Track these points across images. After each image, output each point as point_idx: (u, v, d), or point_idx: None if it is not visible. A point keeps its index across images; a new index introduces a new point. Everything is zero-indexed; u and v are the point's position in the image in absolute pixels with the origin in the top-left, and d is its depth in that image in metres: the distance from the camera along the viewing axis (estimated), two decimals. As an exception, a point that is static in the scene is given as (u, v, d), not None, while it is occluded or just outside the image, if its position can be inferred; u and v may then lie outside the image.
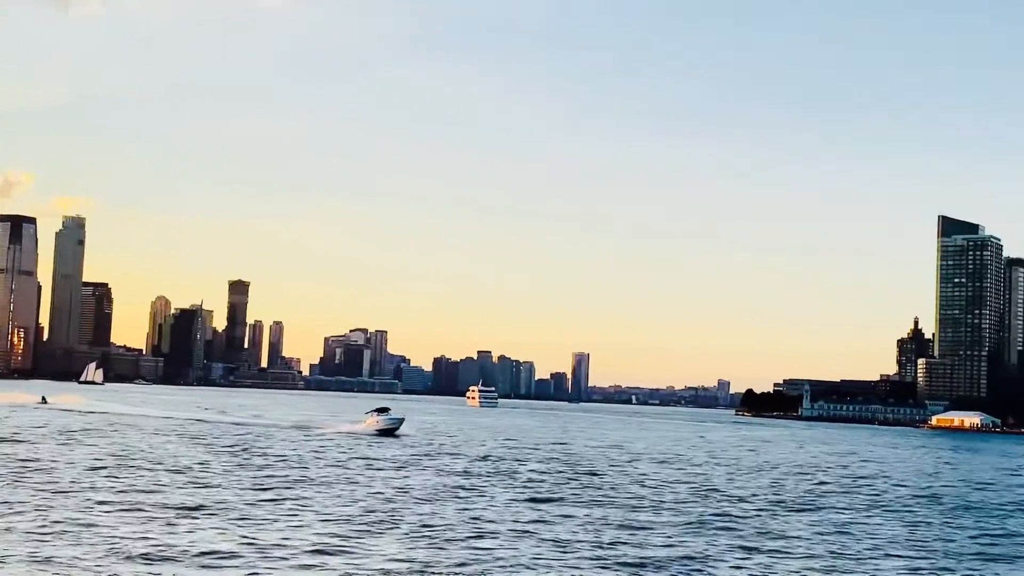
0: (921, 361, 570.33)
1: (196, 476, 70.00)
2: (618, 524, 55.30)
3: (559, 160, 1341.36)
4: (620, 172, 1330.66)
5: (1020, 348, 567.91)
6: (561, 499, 66.27)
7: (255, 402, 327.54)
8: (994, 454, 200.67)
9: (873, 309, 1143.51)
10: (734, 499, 73.22)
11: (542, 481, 79.30)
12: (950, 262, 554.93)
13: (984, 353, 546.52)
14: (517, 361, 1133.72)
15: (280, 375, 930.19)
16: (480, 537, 47.90)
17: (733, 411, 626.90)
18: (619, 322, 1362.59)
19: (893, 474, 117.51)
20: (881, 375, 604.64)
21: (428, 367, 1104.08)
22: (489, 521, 53.82)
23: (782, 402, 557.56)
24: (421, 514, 55.07)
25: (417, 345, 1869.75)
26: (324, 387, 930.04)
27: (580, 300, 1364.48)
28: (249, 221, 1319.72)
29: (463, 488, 70.60)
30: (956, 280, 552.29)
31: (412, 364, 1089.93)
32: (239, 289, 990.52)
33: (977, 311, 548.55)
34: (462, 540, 46.67)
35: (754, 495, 77.46)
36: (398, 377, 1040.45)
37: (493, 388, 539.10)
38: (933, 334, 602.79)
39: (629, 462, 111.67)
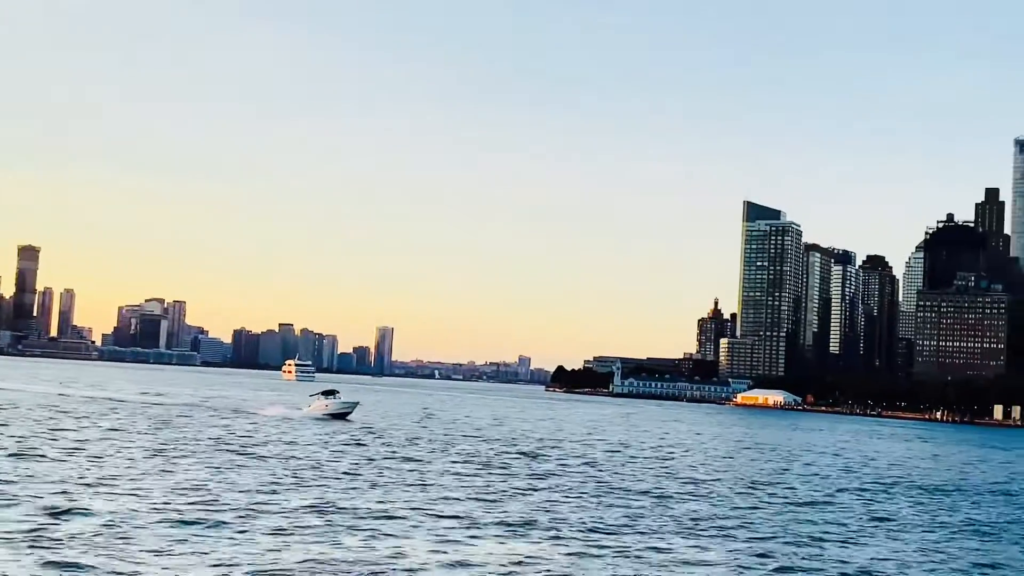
0: (723, 341, 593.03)
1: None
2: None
3: (356, 130, 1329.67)
4: (413, 144, 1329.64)
5: (815, 330, 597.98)
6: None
7: (72, 374, 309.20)
8: (814, 432, 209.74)
9: (678, 289, 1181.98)
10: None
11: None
12: (753, 246, 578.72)
13: (783, 334, 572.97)
14: (320, 334, 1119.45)
15: (72, 345, 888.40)
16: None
17: (543, 387, 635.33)
18: (422, 296, 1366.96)
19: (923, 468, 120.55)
20: (685, 353, 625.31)
21: (227, 339, 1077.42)
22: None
23: (593, 379, 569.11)
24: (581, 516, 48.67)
25: (216, 317, 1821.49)
26: (118, 358, 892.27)
27: (384, 274, 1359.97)
28: (41, 185, 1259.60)
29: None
30: (759, 264, 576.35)
31: (211, 336, 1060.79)
32: (29, 255, 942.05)
33: (777, 294, 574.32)
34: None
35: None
36: (196, 349, 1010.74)
37: (310, 363, 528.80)
38: (733, 314, 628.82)
39: (558, 444, 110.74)
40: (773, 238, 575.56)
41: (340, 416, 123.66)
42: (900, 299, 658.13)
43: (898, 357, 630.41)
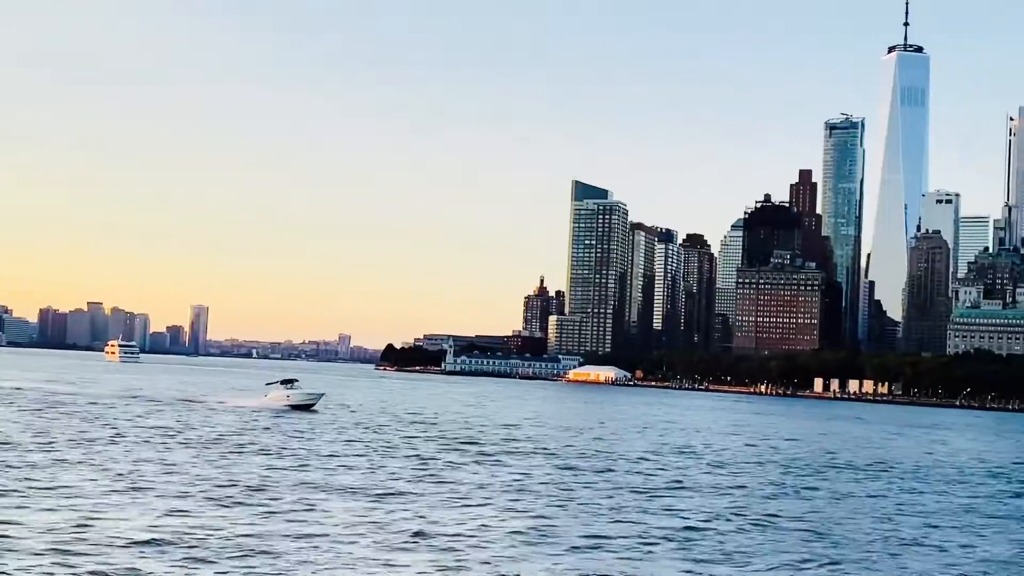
0: (552, 318, 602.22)
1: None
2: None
3: (163, 99, 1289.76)
4: (225, 116, 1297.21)
5: (639, 307, 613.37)
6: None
7: None
8: (660, 407, 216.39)
9: (505, 268, 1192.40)
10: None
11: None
12: (581, 225, 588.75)
13: (609, 311, 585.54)
14: (131, 313, 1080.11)
15: None
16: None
17: (372, 366, 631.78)
18: (237, 274, 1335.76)
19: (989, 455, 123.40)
20: (513, 331, 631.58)
21: (33, 319, 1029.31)
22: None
23: (424, 357, 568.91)
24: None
25: (19, 295, 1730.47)
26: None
27: (198, 250, 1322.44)
28: None
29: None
30: (586, 242, 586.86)
31: (15, 316, 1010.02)
32: None
33: (604, 272, 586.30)
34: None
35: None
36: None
37: (134, 343, 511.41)
38: (559, 291, 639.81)
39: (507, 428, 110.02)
40: (600, 217, 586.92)
41: (304, 408, 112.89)
42: (717, 276, 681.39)
43: (715, 332, 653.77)
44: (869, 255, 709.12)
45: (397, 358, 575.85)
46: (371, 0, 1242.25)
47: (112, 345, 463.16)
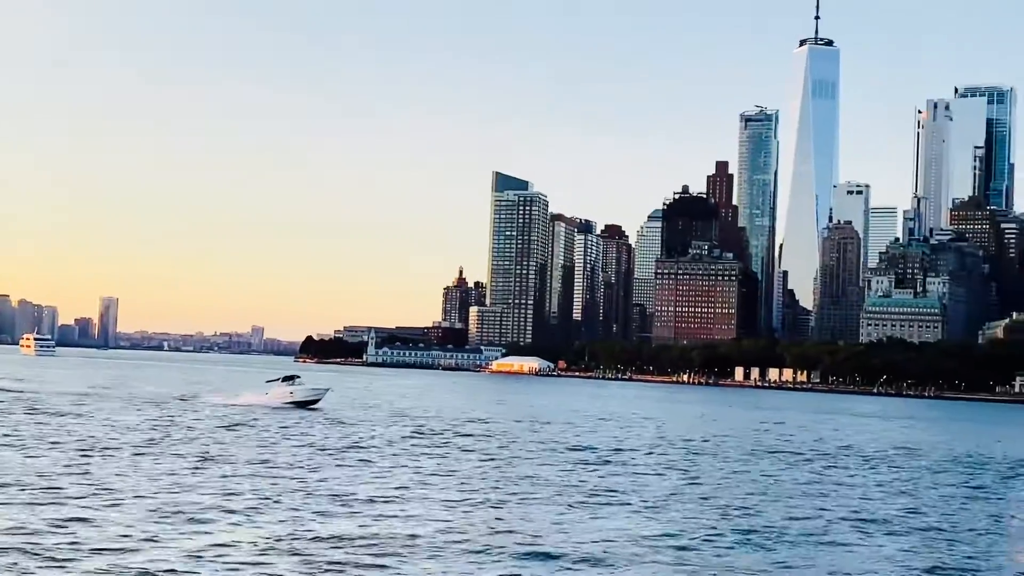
0: (473, 309, 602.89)
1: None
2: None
3: (72, 86, 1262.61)
4: (133, 106, 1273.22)
5: (560, 298, 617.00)
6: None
7: None
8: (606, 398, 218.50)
9: (423, 258, 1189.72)
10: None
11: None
12: (502, 216, 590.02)
13: (530, 302, 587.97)
14: (39, 305, 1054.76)
15: None
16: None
17: (292, 358, 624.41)
18: (147, 265, 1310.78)
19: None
20: (433, 322, 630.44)
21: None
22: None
23: (344, 348, 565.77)
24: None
25: None
26: None
27: (106, 241, 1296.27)
28: None
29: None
30: (507, 233, 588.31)
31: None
32: None
33: (525, 263, 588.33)
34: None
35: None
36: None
37: (49, 337, 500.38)
38: (478, 282, 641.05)
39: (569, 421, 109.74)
40: (521, 208, 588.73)
41: (307, 405, 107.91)
42: (635, 267, 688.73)
43: (633, 323, 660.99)
44: (782, 245, 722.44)
45: (317, 350, 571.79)
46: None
47: (27, 339, 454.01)
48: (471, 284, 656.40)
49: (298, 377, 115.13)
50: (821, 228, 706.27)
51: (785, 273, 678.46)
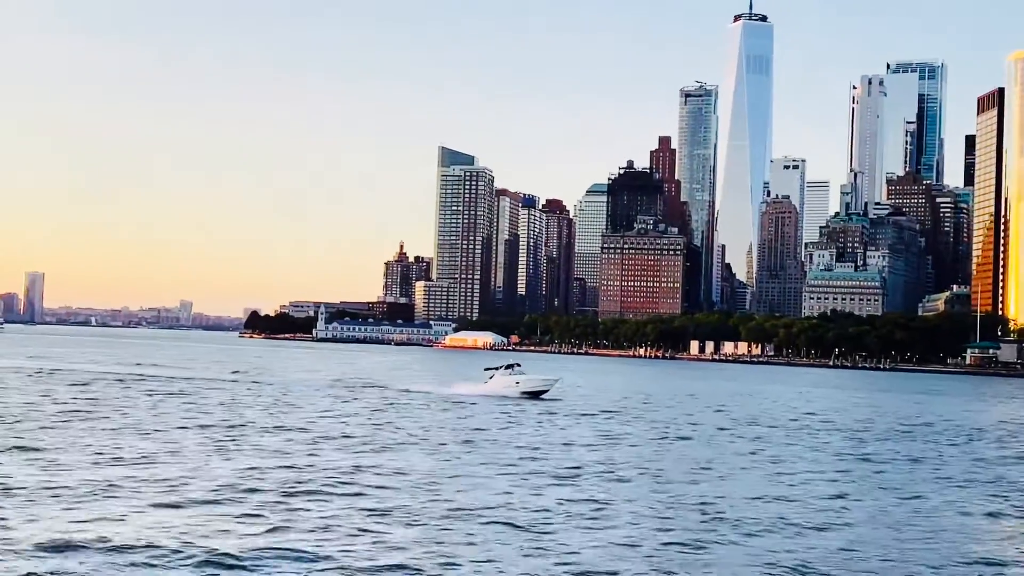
0: (420, 284, 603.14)
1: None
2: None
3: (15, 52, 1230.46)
4: (60, 77, 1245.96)
5: (505, 273, 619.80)
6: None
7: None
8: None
9: (360, 233, 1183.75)
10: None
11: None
12: (449, 191, 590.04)
13: (477, 277, 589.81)
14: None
15: None
16: None
17: (236, 333, 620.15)
18: (72, 240, 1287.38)
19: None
20: (378, 297, 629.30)
21: None
22: None
23: (290, 324, 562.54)
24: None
25: None
26: None
27: (30, 215, 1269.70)
28: None
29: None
30: (453, 208, 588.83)
31: None
32: None
33: (471, 237, 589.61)
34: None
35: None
36: None
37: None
38: (419, 257, 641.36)
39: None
40: (467, 183, 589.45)
41: (536, 395, 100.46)
42: (576, 242, 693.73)
43: (574, 296, 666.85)
44: (716, 219, 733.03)
45: (264, 326, 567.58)
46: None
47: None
48: (411, 259, 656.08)
49: (518, 365, 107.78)
50: (757, 203, 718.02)
51: (723, 247, 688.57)
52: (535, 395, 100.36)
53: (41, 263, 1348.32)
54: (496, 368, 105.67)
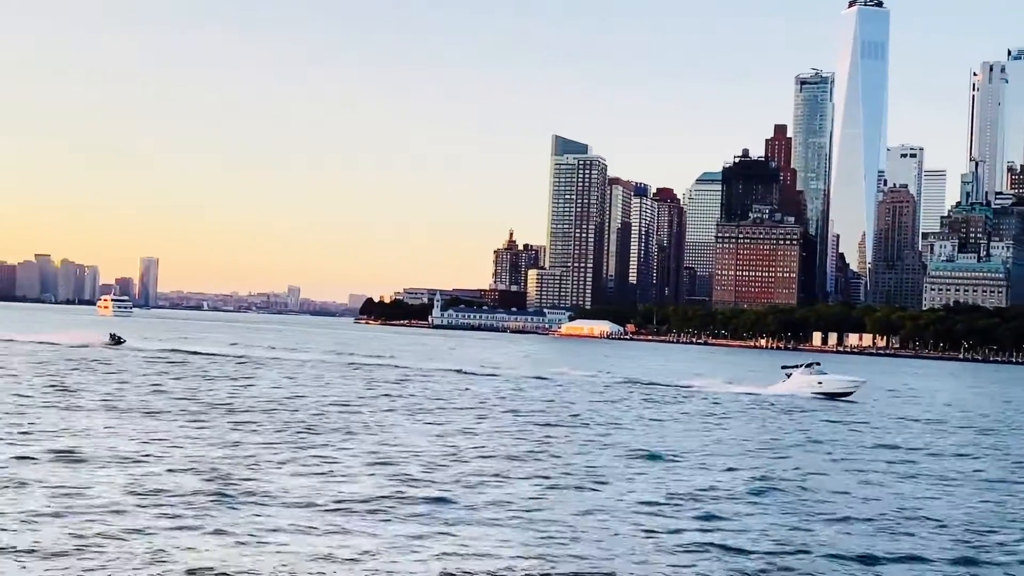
0: (532, 272, 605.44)
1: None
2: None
3: (116, 52, 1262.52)
4: (178, 69, 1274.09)
5: (615, 261, 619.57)
6: None
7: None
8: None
9: (468, 221, 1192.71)
10: None
11: None
12: (562, 179, 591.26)
13: (589, 266, 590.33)
14: (81, 265, 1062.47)
15: None
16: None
17: (352, 319, 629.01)
18: (185, 226, 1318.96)
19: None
20: (490, 285, 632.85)
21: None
22: None
23: (406, 310, 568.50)
24: None
25: None
26: None
27: (147, 202, 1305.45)
28: None
29: None
30: (566, 196, 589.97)
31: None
32: None
33: (584, 226, 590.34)
34: None
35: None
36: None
37: (127, 298, 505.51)
38: (528, 245, 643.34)
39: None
40: (580, 171, 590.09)
41: (838, 397, 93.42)
42: (686, 230, 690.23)
43: (684, 285, 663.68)
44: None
45: (380, 312, 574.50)
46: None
47: (105, 300, 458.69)
48: (521, 247, 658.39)
49: (818, 364, 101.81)
50: (872, 191, 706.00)
51: (837, 236, 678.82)
52: (834, 397, 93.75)
53: (155, 248, 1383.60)
54: (795, 367, 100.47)
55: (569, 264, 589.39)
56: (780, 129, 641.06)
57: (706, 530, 31.48)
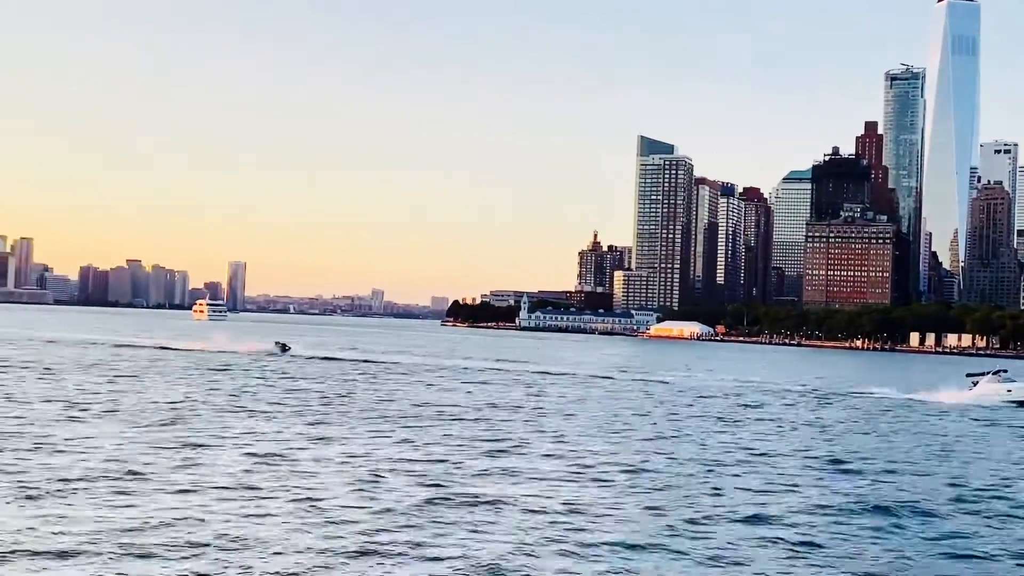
0: (619, 273, 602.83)
1: None
2: None
3: (203, 60, 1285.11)
4: (262, 76, 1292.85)
5: (703, 262, 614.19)
6: None
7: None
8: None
9: (554, 223, 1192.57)
10: None
11: None
12: (648, 180, 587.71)
13: (676, 266, 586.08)
14: (171, 271, 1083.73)
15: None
16: None
17: (439, 322, 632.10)
18: (270, 231, 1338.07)
19: None
20: (576, 286, 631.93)
21: (74, 276, 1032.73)
22: None
23: (492, 312, 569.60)
24: None
25: (58, 253, 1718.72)
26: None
27: (233, 208, 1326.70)
28: None
29: None
30: (653, 197, 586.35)
31: (56, 273, 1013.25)
32: None
33: (671, 227, 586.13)
34: None
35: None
36: (42, 287, 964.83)
37: (222, 302, 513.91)
38: (612, 246, 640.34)
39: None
40: (667, 172, 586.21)
41: None
42: (773, 230, 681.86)
43: (771, 285, 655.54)
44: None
45: (467, 314, 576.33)
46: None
47: (201, 304, 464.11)
48: (605, 248, 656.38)
49: (1005, 371, 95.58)
50: (964, 188, 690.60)
51: (929, 235, 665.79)
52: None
53: (242, 253, 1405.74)
54: (980, 374, 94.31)
55: (656, 265, 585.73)
56: (871, 126, 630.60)
57: None
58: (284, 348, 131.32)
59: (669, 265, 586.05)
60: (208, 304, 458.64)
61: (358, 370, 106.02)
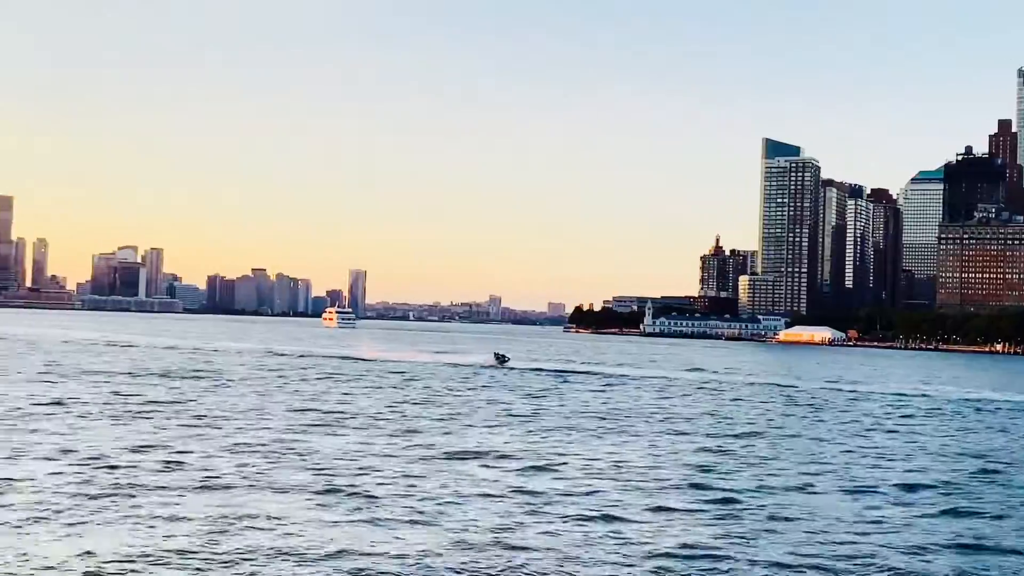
0: (744, 278, 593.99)
1: None
2: None
3: (323, 72, 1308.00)
4: (381, 86, 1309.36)
5: (831, 266, 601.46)
6: None
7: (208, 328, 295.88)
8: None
9: (675, 227, 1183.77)
10: None
11: None
12: (773, 183, 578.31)
13: (803, 271, 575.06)
14: (295, 279, 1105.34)
15: (54, 295, 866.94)
16: None
17: (562, 328, 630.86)
18: (390, 238, 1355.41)
19: None
20: (700, 291, 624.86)
21: (201, 285, 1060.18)
22: None
23: (615, 318, 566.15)
24: None
25: (186, 263, 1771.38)
26: (99, 307, 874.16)
27: (354, 216, 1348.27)
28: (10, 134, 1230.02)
29: None
30: (778, 200, 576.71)
31: (184, 283, 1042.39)
32: (2, 204, 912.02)
33: (797, 230, 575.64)
34: None
35: None
36: (171, 295, 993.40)
37: (350, 310, 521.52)
38: (734, 250, 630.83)
39: None
40: (793, 174, 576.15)
41: None
42: (903, 231, 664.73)
43: (901, 289, 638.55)
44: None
45: (589, 321, 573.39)
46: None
47: (330, 312, 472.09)
48: (728, 252, 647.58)
49: None
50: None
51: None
52: None
53: (361, 261, 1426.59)
54: None
55: (782, 269, 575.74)
56: (1004, 124, 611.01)
57: None
58: (503, 360, 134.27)
59: (796, 269, 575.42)
60: (337, 312, 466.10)
61: (603, 382, 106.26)
